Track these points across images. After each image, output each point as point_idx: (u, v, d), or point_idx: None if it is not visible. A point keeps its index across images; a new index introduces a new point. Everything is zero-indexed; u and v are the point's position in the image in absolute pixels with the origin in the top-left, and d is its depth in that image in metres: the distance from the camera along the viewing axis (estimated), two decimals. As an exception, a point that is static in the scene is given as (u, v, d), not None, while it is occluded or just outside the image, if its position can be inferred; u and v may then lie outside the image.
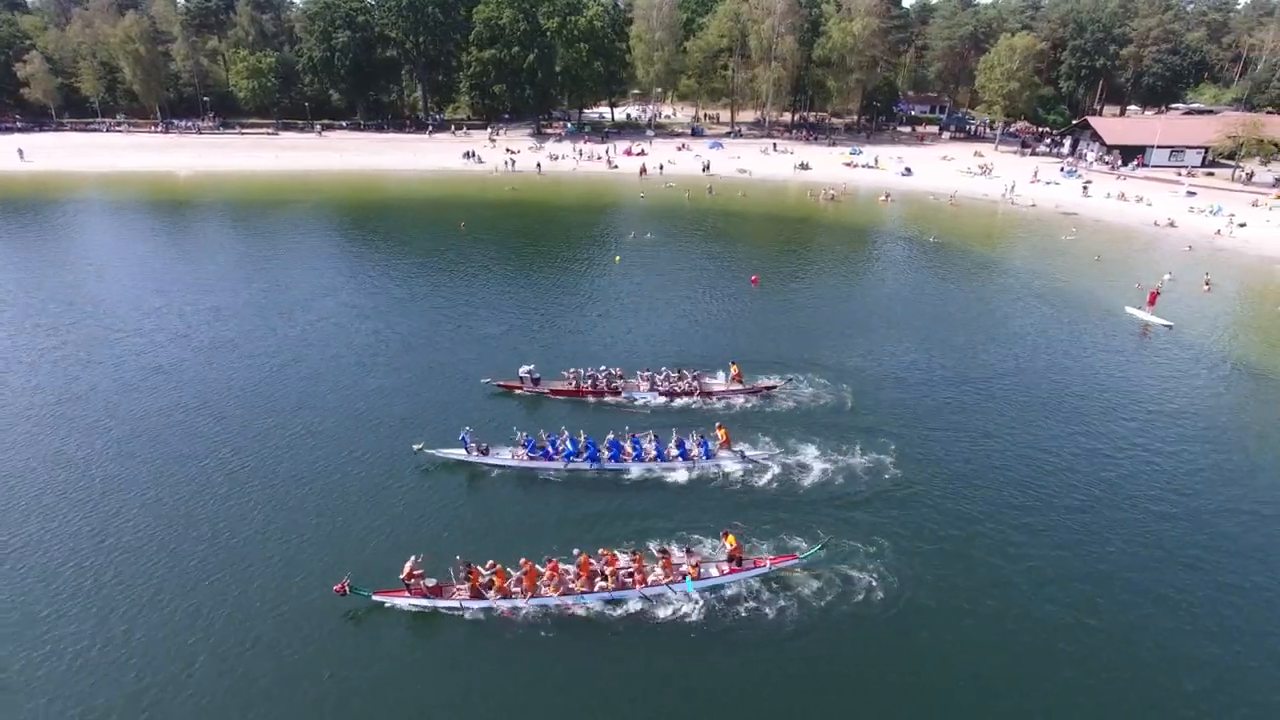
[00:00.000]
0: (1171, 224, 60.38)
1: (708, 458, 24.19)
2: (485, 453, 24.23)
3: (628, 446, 24.20)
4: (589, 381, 28.93)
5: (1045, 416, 28.42)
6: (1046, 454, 25.70)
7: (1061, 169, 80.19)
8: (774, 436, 25.92)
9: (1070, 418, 28.37)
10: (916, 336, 36.10)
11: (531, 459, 23.93)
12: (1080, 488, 23.79)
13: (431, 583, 18.15)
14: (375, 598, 18.02)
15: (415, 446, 24.04)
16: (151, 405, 28.00)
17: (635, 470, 23.94)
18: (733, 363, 30.14)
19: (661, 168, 79.04)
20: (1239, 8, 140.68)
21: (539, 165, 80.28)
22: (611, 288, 43.34)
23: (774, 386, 29.50)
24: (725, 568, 19.20)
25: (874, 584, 19.07)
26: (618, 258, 47.81)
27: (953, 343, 35.46)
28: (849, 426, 26.86)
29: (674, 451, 24.10)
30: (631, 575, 18.58)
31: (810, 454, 24.98)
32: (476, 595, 18.10)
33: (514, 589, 18.20)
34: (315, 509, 21.88)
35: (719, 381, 29.90)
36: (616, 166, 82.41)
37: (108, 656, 16.73)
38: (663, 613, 18.18)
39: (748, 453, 24.57)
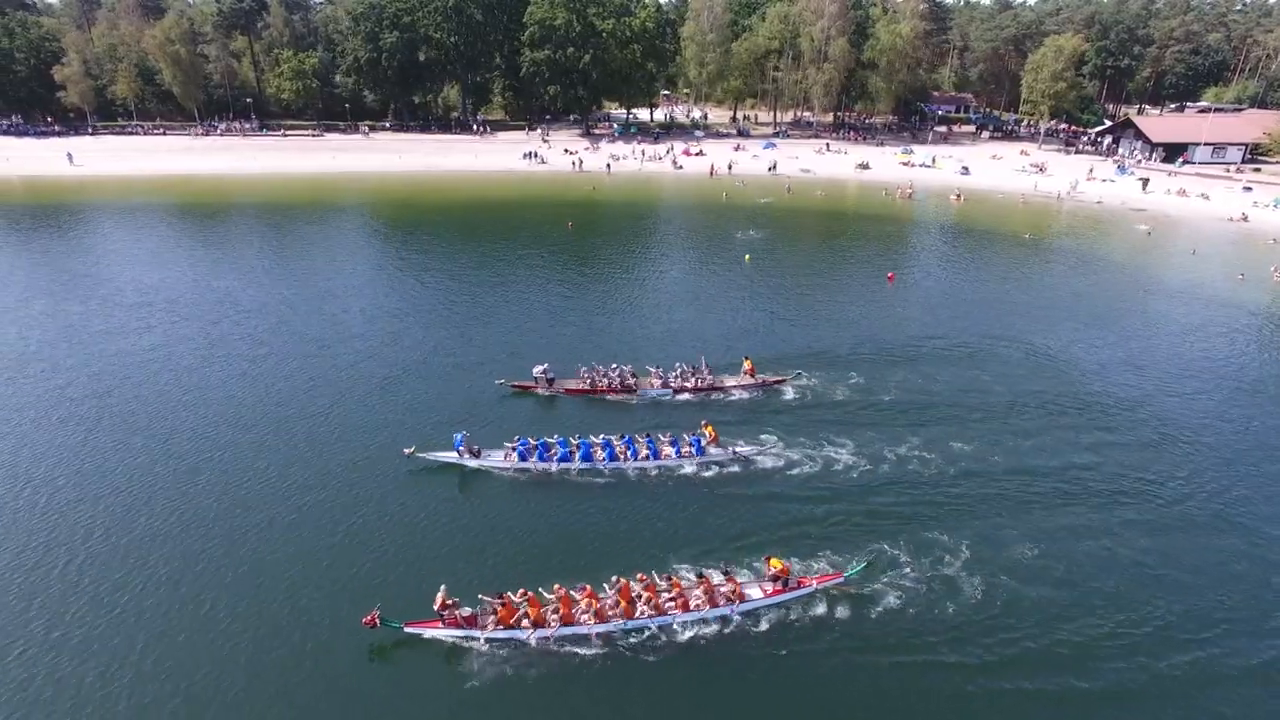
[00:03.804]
0: (1245, 218, 62.97)
1: (699, 455, 24.04)
2: (477, 455, 23.66)
3: (620, 446, 23.83)
4: (604, 380, 28.97)
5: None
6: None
7: (1117, 167, 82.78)
8: (843, 436, 25.76)
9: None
10: (1082, 335, 37.35)
11: (524, 461, 23.49)
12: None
13: (466, 613, 17.20)
14: (407, 629, 17.00)
15: (406, 451, 23.36)
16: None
17: (631, 470, 23.57)
18: (746, 358, 30.19)
19: (730, 167, 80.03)
20: (1239, 8, 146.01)
21: (608, 166, 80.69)
22: (752, 285, 43.94)
23: (784, 380, 29.67)
24: (769, 588, 18.32)
25: (928, 601, 18.40)
26: (748, 257, 48.57)
27: (1089, 338, 36.87)
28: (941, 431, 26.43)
29: (667, 450, 24.01)
30: (673, 601, 17.73)
31: (852, 453, 24.56)
32: (512, 625, 17.10)
33: (550, 618, 17.26)
34: (327, 529, 20.88)
35: (733, 377, 29.83)
36: (681, 167, 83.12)
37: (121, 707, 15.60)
38: (706, 639, 17.37)
39: (738, 449, 24.35)
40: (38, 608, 18.04)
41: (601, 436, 24.22)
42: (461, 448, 23.60)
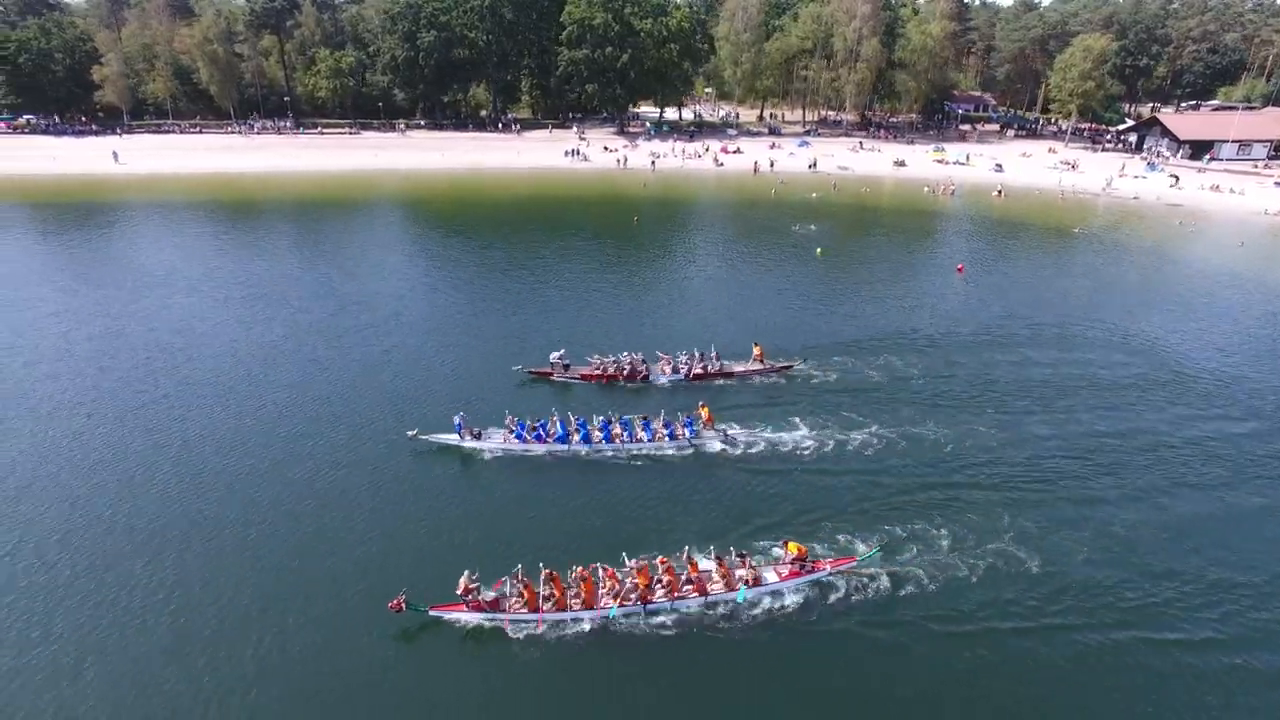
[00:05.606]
0: (1283, 213, 64.89)
1: (693, 437, 24.60)
2: (478, 437, 24.31)
3: (617, 428, 24.48)
4: (614, 367, 29.76)
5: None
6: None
7: (1147, 164, 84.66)
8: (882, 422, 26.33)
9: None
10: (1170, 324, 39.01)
11: (524, 443, 24.12)
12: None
13: (490, 596, 17.59)
14: (432, 613, 17.44)
15: (410, 433, 24.06)
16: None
17: (628, 451, 24.10)
18: (755, 344, 30.81)
19: (772, 164, 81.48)
20: (1250, 7, 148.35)
21: (652, 163, 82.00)
22: (829, 277, 45.33)
23: (791, 366, 30.40)
24: (784, 571, 18.78)
25: (937, 586, 18.72)
26: (819, 250, 49.92)
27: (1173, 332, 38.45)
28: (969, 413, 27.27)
29: (662, 432, 24.52)
30: (691, 583, 18.21)
31: (859, 438, 25.09)
32: (535, 608, 17.56)
33: (572, 600, 17.73)
34: (350, 513, 21.48)
35: (741, 363, 30.56)
36: (722, 165, 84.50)
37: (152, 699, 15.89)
38: (723, 621, 17.83)
39: (730, 431, 24.91)
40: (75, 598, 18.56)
41: (599, 418, 24.81)
42: (462, 430, 24.24)
